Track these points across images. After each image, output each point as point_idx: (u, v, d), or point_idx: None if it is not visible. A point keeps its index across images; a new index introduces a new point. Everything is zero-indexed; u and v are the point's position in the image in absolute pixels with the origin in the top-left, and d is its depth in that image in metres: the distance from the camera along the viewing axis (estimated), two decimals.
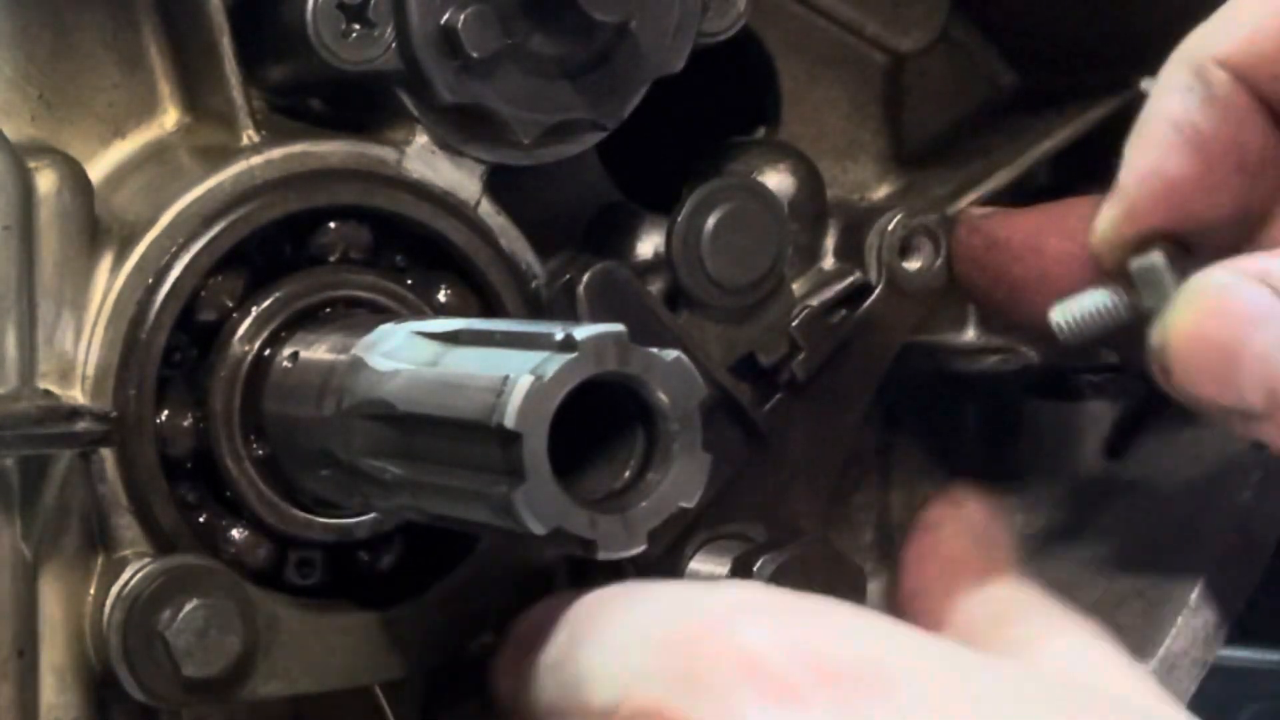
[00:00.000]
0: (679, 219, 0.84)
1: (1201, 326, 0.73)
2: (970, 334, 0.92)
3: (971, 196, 0.90)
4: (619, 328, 0.61)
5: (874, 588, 0.92)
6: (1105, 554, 0.90)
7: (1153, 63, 0.79)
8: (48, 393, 0.75)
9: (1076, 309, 0.80)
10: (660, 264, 0.86)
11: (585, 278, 0.81)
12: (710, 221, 0.84)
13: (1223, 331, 0.72)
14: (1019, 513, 0.96)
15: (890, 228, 0.88)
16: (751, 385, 0.87)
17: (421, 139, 0.79)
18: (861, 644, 0.64)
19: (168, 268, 0.76)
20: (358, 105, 0.80)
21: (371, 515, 0.79)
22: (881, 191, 0.94)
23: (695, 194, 0.84)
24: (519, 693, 0.70)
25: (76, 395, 0.76)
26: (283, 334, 0.78)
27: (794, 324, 0.87)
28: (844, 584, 0.83)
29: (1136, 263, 0.78)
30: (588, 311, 0.81)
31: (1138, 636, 0.87)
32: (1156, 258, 0.77)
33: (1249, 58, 0.77)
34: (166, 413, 0.77)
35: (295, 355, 0.76)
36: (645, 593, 0.68)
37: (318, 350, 0.75)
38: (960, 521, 0.87)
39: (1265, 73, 0.77)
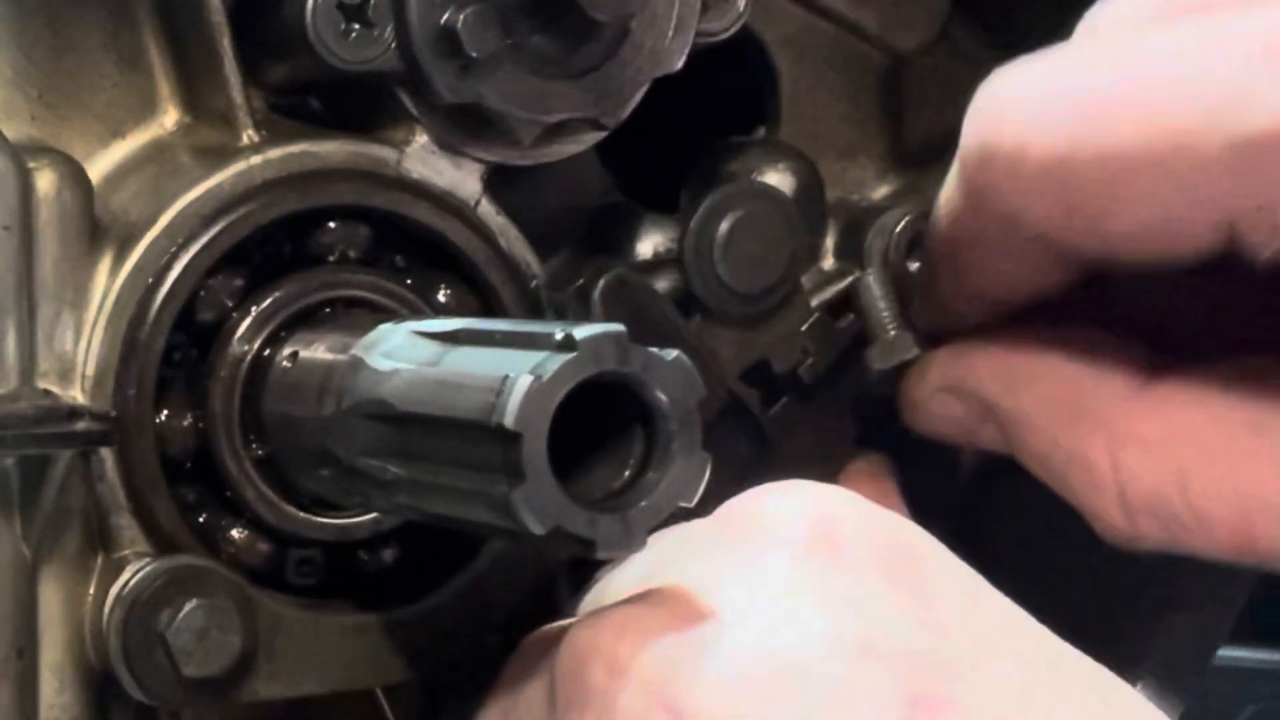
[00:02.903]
0: (691, 225, 0.84)
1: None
2: None
3: None
4: (618, 327, 0.61)
5: None
6: (1105, 553, 0.90)
7: None
8: (48, 393, 0.75)
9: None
10: (661, 264, 0.86)
11: (600, 284, 0.81)
12: (723, 227, 0.84)
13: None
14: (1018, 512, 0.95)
15: (898, 229, 0.88)
16: (759, 389, 0.87)
17: (421, 139, 0.79)
18: (898, 530, 0.69)
19: (167, 268, 0.76)
20: (358, 105, 0.80)
21: (371, 515, 0.79)
22: (881, 191, 0.93)
23: (708, 199, 0.84)
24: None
25: (76, 395, 0.76)
26: (282, 334, 0.78)
27: (803, 329, 0.87)
28: None
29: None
30: (603, 317, 0.81)
31: (1137, 636, 0.87)
32: (870, 280, 0.86)
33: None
34: (166, 413, 0.77)
35: (295, 355, 0.76)
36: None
37: (317, 350, 0.75)
38: (869, 471, 0.91)
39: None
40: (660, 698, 0.63)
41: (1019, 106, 0.74)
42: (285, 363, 0.77)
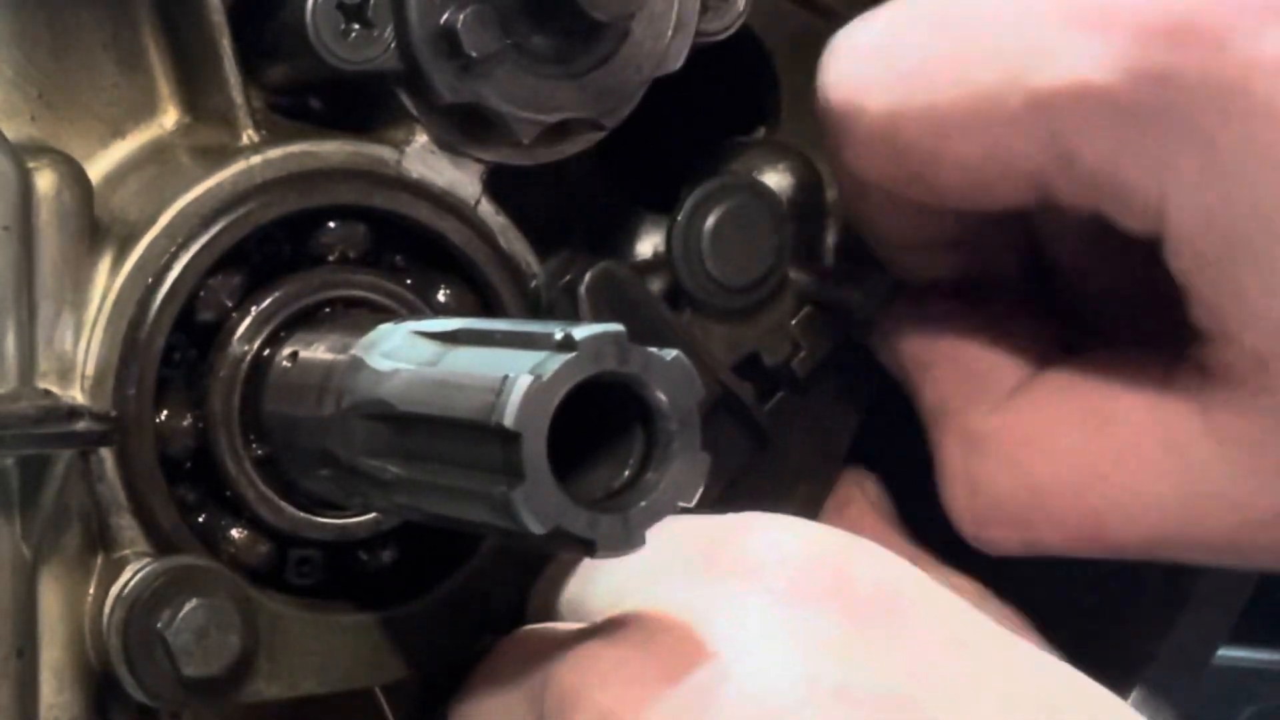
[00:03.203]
0: (679, 219, 0.84)
1: None
2: None
3: None
4: (618, 327, 0.61)
5: None
6: None
7: None
8: (47, 393, 0.75)
9: None
10: (660, 264, 0.86)
11: (587, 278, 0.81)
12: (710, 221, 0.84)
13: None
14: None
15: None
16: (753, 384, 0.87)
17: (421, 139, 0.79)
18: (882, 570, 0.67)
19: (167, 268, 0.76)
20: (358, 105, 0.80)
21: (371, 515, 0.79)
22: None
23: (695, 194, 0.84)
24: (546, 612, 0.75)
25: (76, 395, 0.76)
26: (282, 334, 0.78)
27: (793, 322, 0.87)
28: None
29: None
30: (589, 312, 0.81)
31: (1137, 636, 0.87)
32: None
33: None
34: (166, 413, 0.77)
35: (294, 355, 0.76)
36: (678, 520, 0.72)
37: (317, 350, 0.75)
38: (865, 499, 0.90)
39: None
40: None
41: (852, 68, 0.76)
42: (285, 363, 0.77)
